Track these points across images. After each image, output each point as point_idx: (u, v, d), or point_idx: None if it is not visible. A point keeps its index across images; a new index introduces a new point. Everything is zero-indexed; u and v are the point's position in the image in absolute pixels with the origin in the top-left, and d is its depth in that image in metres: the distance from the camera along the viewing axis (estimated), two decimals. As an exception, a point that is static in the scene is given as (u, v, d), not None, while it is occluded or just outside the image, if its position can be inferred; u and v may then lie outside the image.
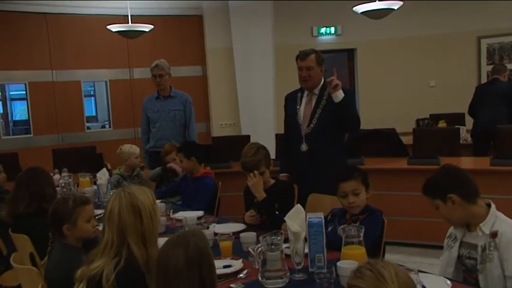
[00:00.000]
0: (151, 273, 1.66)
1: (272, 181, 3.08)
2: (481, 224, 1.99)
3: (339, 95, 3.18)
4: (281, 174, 3.49)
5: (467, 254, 2.05)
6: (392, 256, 3.76)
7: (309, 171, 3.32)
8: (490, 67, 7.21)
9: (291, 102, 3.53)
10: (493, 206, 2.04)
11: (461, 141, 5.56)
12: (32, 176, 2.92)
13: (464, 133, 6.17)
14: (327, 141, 3.33)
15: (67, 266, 1.78)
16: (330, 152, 3.33)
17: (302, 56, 3.39)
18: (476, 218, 2.02)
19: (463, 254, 2.07)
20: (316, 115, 3.35)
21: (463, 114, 6.79)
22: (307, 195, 3.14)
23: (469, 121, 6.73)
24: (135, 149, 4.39)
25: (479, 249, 1.98)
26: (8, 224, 2.89)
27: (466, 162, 4.85)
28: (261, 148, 3.04)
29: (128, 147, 4.39)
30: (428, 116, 6.79)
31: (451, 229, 2.16)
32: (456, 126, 5.77)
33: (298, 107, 3.44)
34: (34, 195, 2.79)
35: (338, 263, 1.89)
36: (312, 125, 3.35)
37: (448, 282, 1.84)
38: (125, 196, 1.80)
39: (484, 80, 7.30)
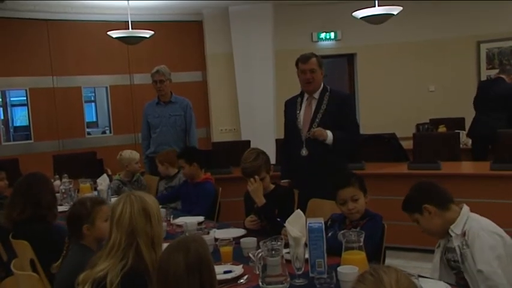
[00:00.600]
0: None
1: (272, 186, 3.08)
2: (451, 226, 2.08)
3: (329, 139, 3.28)
4: (282, 181, 3.49)
5: (452, 258, 2.12)
6: (393, 261, 3.75)
7: (309, 176, 3.32)
8: (490, 71, 7.25)
9: (290, 107, 3.54)
10: (464, 207, 2.13)
11: (461, 145, 5.56)
12: (30, 182, 2.91)
13: (464, 137, 6.17)
14: (327, 146, 3.34)
15: (80, 266, 1.80)
16: (330, 157, 3.34)
17: (304, 59, 3.42)
18: (452, 223, 2.10)
19: (450, 258, 2.14)
20: (317, 120, 3.37)
21: (463, 119, 6.79)
22: (308, 200, 3.14)
23: (469, 126, 6.75)
24: (135, 155, 4.40)
25: (457, 250, 2.05)
26: (7, 230, 2.89)
27: (466, 167, 4.85)
28: (261, 153, 3.04)
29: (128, 153, 4.40)
30: (428, 121, 6.80)
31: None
32: (456, 131, 5.77)
33: (298, 112, 3.46)
34: (30, 201, 2.78)
35: (338, 268, 1.89)
36: (312, 130, 3.36)
37: (448, 287, 1.84)
38: (135, 200, 1.82)
39: (483, 84, 7.31)
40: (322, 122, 3.33)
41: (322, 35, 7.52)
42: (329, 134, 3.28)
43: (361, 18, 5.31)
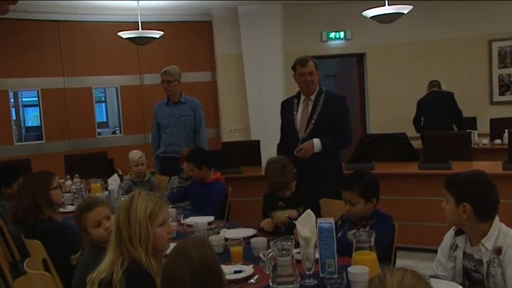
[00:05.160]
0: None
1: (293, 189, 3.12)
2: (482, 240, 1.94)
3: (317, 148, 3.37)
4: None
5: (473, 268, 1.99)
6: (404, 261, 3.71)
7: (305, 175, 3.37)
8: (502, 70, 7.18)
9: (287, 108, 3.64)
10: (496, 219, 1.96)
11: (473, 145, 5.51)
12: (28, 184, 2.95)
13: (476, 137, 6.13)
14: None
15: (95, 265, 1.84)
16: (326, 156, 3.38)
17: (302, 62, 3.50)
18: (478, 232, 1.96)
19: (468, 266, 2.01)
20: (313, 120, 3.47)
21: (474, 118, 6.74)
22: None
23: (481, 125, 6.69)
24: (134, 157, 4.36)
25: (485, 265, 1.93)
26: (19, 229, 2.93)
27: (478, 167, 4.80)
28: (286, 165, 3.03)
29: (129, 154, 4.40)
30: (439, 120, 6.74)
31: (451, 238, 2.10)
32: (468, 131, 5.73)
33: (295, 113, 3.55)
34: (30, 203, 2.82)
35: (349, 269, 1.89)
36: (308, 130, 3.46)
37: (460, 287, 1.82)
38: (129, 197, 1.86)
39: (495, 84, 7.25)
40: (318, 123, 3.44)
41: (332, 35, 7.49)
42: (316, 143, 3.37)
43: (371, 17, 5.28)
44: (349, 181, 2.55)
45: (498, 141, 6.07)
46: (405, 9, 5.13)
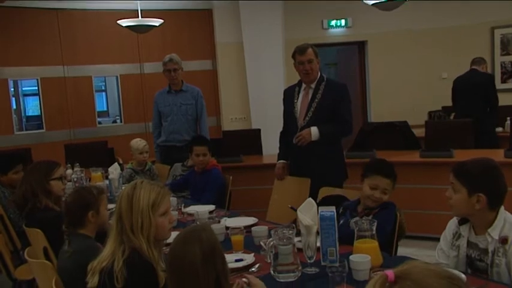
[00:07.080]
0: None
1: None
2: (489, 229, 1.91)
3: (314, 136, 3.35)
4: (278, 161, 3.66)
5: (477, 256, 1.97)
6: (405, 250, 3.72)
7: (306, 163, 3.43)
8: (504, 58, 7.14)
9: (289, 96, 3.64)
10: (501, 208, 1.93)
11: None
12: (27, 172, 2.96)
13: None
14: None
15: (85, 255, 1.86)
16: (325, 144, 3.39)
17: (301, 50, 3.49)
18: (484, 221, 1.94)
19: (472, 255, 1.99)
20: (312, 108, 3.46)
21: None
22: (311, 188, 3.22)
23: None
24: (139, 145, 4.36)
25: (490, 254, 1.91)
26: (19, 218, 2.93)
27: (480, 155, 4.78)
28: None
29: (133, 143, 4.39)
30: (440, 109, 6.72)
31: (454, 226, 2.08)
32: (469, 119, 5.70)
33: (295, 101, 3.56)
34: (27, 192, 2.82)
35: (350, 257, 1.89)
36: (307, 118, 3.45)
37: (463, 276, 1.82)
38: (131, 186, 1.85)
39: (498, 71, 7.21)
40: (317, 111, 3.43)
41: (333, 23, 7.44)
42: (314, 131, 3.36)
43: (372, 4, 5.23)
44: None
45: (500, 129, 6.05)
46: (407, -4, 5.07)
